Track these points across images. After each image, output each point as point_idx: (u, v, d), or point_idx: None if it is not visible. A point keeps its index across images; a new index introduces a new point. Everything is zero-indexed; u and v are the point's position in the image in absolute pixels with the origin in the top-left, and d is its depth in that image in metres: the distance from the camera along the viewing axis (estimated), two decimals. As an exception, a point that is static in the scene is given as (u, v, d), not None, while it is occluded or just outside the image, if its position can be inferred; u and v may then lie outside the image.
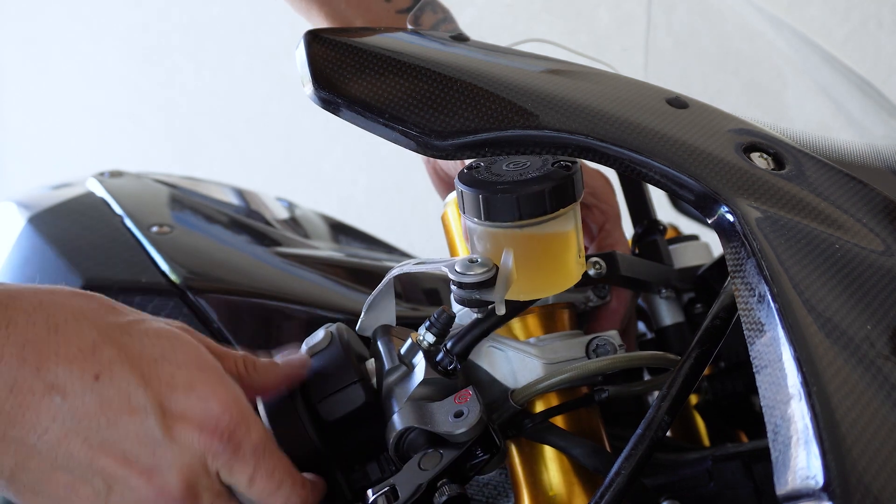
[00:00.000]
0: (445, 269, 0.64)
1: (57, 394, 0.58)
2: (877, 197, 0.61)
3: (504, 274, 0.63)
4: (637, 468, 0.61)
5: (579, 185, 0.65)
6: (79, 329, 0.60)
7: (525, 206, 0.63)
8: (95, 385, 0.59)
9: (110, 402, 0.59)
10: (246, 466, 0.63)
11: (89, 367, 0.59)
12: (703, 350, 0.64)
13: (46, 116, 3.00)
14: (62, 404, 0.59)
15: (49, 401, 0.58)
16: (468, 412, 0.64)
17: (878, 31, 1.94)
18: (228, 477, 0.64)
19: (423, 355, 0.68)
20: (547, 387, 0.68)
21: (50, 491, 0.60)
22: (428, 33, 0.72)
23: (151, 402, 0.61)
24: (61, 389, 0.59)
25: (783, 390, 0.49)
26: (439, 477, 0.64)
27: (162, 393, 0.61)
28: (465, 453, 0.64)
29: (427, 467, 0.64)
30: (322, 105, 0.65)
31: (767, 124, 0.66)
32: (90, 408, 0.59)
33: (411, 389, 0.67)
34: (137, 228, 1.03)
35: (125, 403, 0.60)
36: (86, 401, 0.59)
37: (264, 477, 0.64)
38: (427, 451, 0.65)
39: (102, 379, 0.59)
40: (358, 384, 0.70)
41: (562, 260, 0.66)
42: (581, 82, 0.65)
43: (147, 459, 0.60)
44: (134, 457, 0.60)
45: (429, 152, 0.63)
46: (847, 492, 0.45)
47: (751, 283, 0.54)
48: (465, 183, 0.64)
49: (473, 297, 0.64)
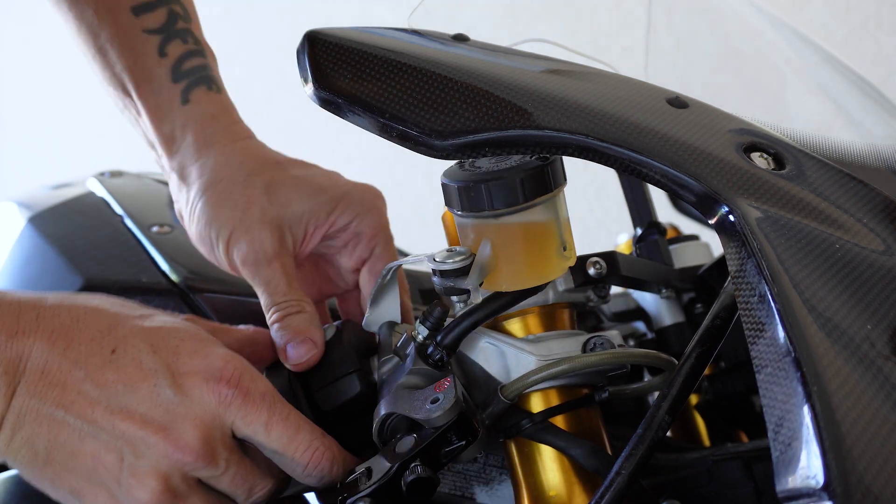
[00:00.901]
0: (426, 259, 0.66)
1: (80, 369, 0.65)
2: (877, 197, 0.61)
3: (480, 262, 0.64)
4: (637, 468, 0.61)
5: (558, 176, 0.66)
6: (97, 317, 0.67)
7: (497, 196, 0.64)
8: (112, 357, 0.65)
9: (126, 370, 0.65)
10: (259, 413, 0.67)
11: (107, 344, 0.66)
12: (703, 350, 0.64)
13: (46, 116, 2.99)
14: (85, 378, 0.65)
15: (74, 376, 0.64)
16: (443, 398, 0.66)
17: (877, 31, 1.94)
18: (244, 427, 0.67)
19: (414, 347, 0.69)
20: (535, 381, 0.68)
21: (80, 464, 0.65)
22: (428, 33, 0.72)
23: (161, 366, 0.66)
24: (84, 365, 0.65)
25: (783, 390, 0.49)
26: (412, 460, 0.65)
27: (169, 358, 0.67)
28: (439, 438, 0.65)
29: (402, 451, 0.66)
30: (322, 105, 0.65)
31: (767, 124, 0.66)
32: (109, 378, 0.65)
33: (399, 379, 0.69)
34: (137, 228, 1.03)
35: (139, 370, 0.65)
36: (105, 372, 0.65)
37: (280, 421, 0.67)
38: (405, 436, 0.66)
39: (118, 352, 0.66)
40: (354, 375, 0.73)
41: (542, 251, 0.66)
42: (581, 82, 0.65)
43: (163, 417, 0.65)
44: (150, 417, 0.65)
45: (429, 152, 0.63)
46: (847, 491, 0.45)
47: (751, 282, 0.54)
48: (447, 176, 0.67)
49: (450, 285, 0.66)
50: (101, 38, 0.83)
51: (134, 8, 0.82)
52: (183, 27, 0.83)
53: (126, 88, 0.83)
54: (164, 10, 0.83)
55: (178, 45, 0.82)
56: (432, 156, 0.63)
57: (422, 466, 0.64)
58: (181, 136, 0.82)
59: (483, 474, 0.79)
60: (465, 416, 0.66)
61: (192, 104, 0.82)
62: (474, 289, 0.65)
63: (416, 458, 0.65)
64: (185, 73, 0.82)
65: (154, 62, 0.82)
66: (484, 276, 0.65)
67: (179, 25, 0.83)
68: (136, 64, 0.82)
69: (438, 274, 0.66)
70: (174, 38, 0.82)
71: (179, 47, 0.82)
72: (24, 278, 1.03)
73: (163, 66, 0.82)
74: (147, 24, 0.82)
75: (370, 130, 0.65)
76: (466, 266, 0.65)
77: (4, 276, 1.05)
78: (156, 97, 0.82)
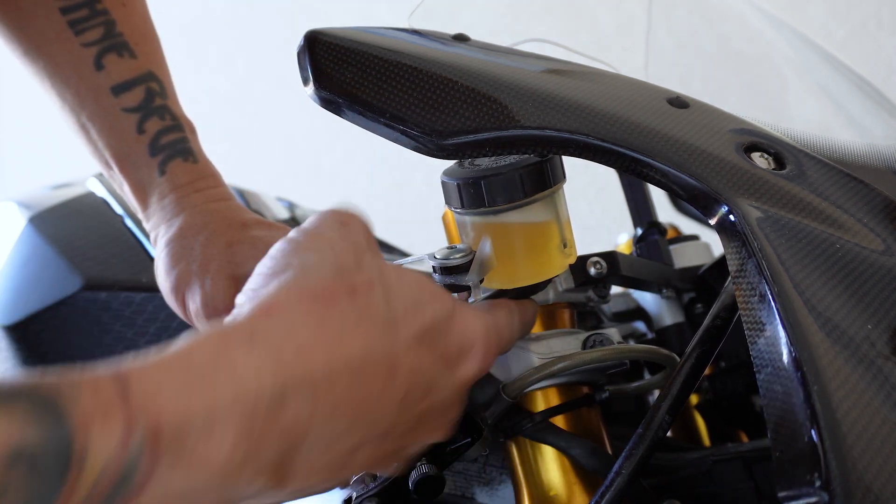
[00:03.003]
0: (426, 257, 0.66)
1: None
2: (877, 197, 0.61)
3: (480, 258, 0.64)
4: (637, 468, 0.61)
5: (557, 173, 0.66)
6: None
7: (497, 193, 0.64)
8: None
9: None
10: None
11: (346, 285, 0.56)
12: (703, 350, 0.64)
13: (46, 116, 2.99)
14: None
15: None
16: None
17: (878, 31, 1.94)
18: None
19: None
20: (537, 378, 0.68)
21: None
22: (429, 33, 0.73)
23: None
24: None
25: (784, 390, 0.49)
26: (418, 458, 0.65)
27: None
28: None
29: None
30: (323, 105, 0.65)
31: (768, 124, 0.66)
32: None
33: None
34: (137, 228, 1.03)
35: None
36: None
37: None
38: None
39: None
40: None
41: (542, 248, 0.66)
42: (582, 82, 0.65)
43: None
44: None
45: (430, 152, 0.63)
46: (847, 491, 0.45)
47: (752, 282, 0.54)
48: (447, 174, 0.66)
49: (450, 282, 0.66)
50: (82, 116, 0.86)
51: (113, 88, 0.85)
52: (160, 104, 0.86)
53: (108, 163, 0.86)
54: (141, 88, 0.86)
55: (156, 122, 0.85)
56: (432, 156, 0.63)
57: (428, 465, 0.64)
58: (158, 204, 0.85)
59: (483, 474, 0.79)
60: (469, 413, 0.66)
61: (168, 174, 0.85)
62: (475, 286, 0.65)
63: (422, 457, 0.65)
64: (161, 148, 0.85)
65: (133, 139, 0.85)
66: (484, 273, 0.65)
67: (157, 102, 0.86)
68: (117, 142, 0.85)
69: (439, 271, 0.66)
70: (152, 116, 0.85)
71: (157, 124, 0.85)
72: (24, 278, 1.03)
73: (141, 142, 0.85)
74: (125, 103, 0.85)
75: (370, 130, 0.65)
76: (467, 263, 0.65)
77: (4, 277, 1.05)
78: (135, 171, 0.85)
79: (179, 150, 0.85)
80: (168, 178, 0.84)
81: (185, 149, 0.86)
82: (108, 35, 0.86)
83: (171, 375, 0.47)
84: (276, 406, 0.49)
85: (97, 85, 0.85)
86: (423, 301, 0.56)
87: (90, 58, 0.85)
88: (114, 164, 0.86)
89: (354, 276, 0.55)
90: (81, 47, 0.85)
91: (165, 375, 0.47)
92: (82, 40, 0.85)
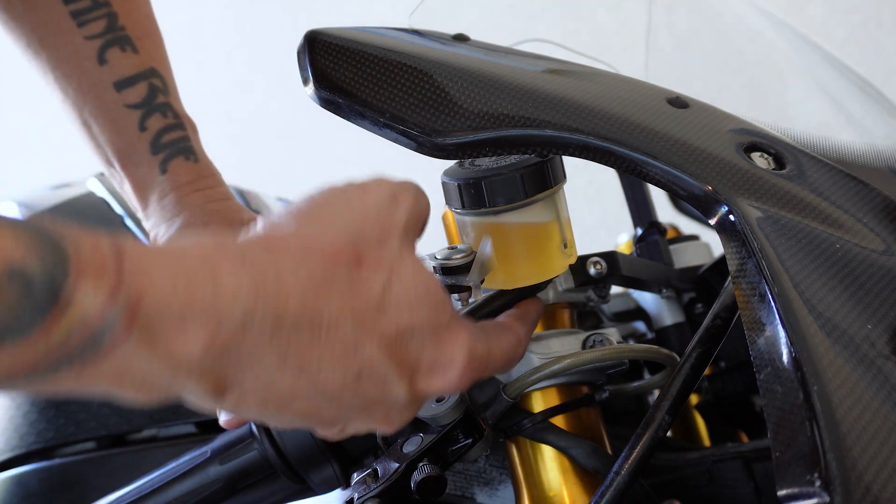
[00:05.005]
0: (427, 257, 0.66)
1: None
2: (877, 197, 0.61)
3: (481, 259, 0.64)
4: (637, 468, 0.61)
5: (557, 173, 0.66)
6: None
7: (497, 193, 0.64)
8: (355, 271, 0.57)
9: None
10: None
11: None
12: (703, 350, 0.64)
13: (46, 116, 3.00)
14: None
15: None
16: (448, 397, 0.66)
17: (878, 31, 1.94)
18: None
19: None
20: (537, 378, 0.68)
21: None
22: (429, 33, 0.73)
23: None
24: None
25: (783, 390, 0.49)
26: (420, 459, 0.65)
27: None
28: (446, 437, 0.66)
29: (409, 450, 0.66)
30: (323, 105, 0.66)
31: (768, 124, 0.66)
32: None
33: None
34: (137, 228, 1.03)
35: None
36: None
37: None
38: (410, 436, 0.67)
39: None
40: None
41: (542, 248, 0.66)
42: (582, 82, 0.65)
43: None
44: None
45: (429, 152, 0.63)
46: (847, 491, 0.45)
47: (751, 282, 0.54)
48: (447, 175, 0.66)
49: (451, 283, 0.65)
50: (84, 112, 0.86)
51: (116, 83, 0.85)
52: (162, 101, 0.86)
53: (109, 160, 0.86)
54: (144, 84, 0.85)
55: (158, 120, 0.85)
56: (433, 156, 0.63)
57: (430, 465, 0.64)
58: (158, 203, 0.85)
59: (483, 474, 0.79)
60: (471, 413, 0.66)
61: (170, 173, 0.84)
62: (476, 286, 0.65)
63: (424, 457, 0.65)
64: (163, 146, 0.85)
65: (135, 136, 0.85)
66: (485, 274, 0.65)
67: (159, 100, 0.86)
68: (118, 138, 0.85)
69: (440, 271, 0.66)
70: (154, 113, 0.85)
71: (159, 121, 0.85)
72: (25, 278, 1.03)
73: (142, 140, 0.85)
74: (128, 99, 0.85)
75: (370, 130, 0.65)
76: (468, 263, 0.65)
77: (4, 276, 1.05)
78: (136, 169, 0.85)
79: (181, 148, 0.85)
80: (169, 177, 0.84)
81: (187, 148, 0.86)
82: (110, 28, 0.85)
83: (162, 263, 0.49)
84: (240, 328, 0.50)
85: (100, 80, 0.85)
86: (419, 305, 0.56)
87: (93, 51, 0.85)
88: (115, 161, 0.85)
89: (368, 250, 0.55)
90: (84, 40, 0.85)
91: (157, 261, 0.49)
92: (85, 33, 0.85)
